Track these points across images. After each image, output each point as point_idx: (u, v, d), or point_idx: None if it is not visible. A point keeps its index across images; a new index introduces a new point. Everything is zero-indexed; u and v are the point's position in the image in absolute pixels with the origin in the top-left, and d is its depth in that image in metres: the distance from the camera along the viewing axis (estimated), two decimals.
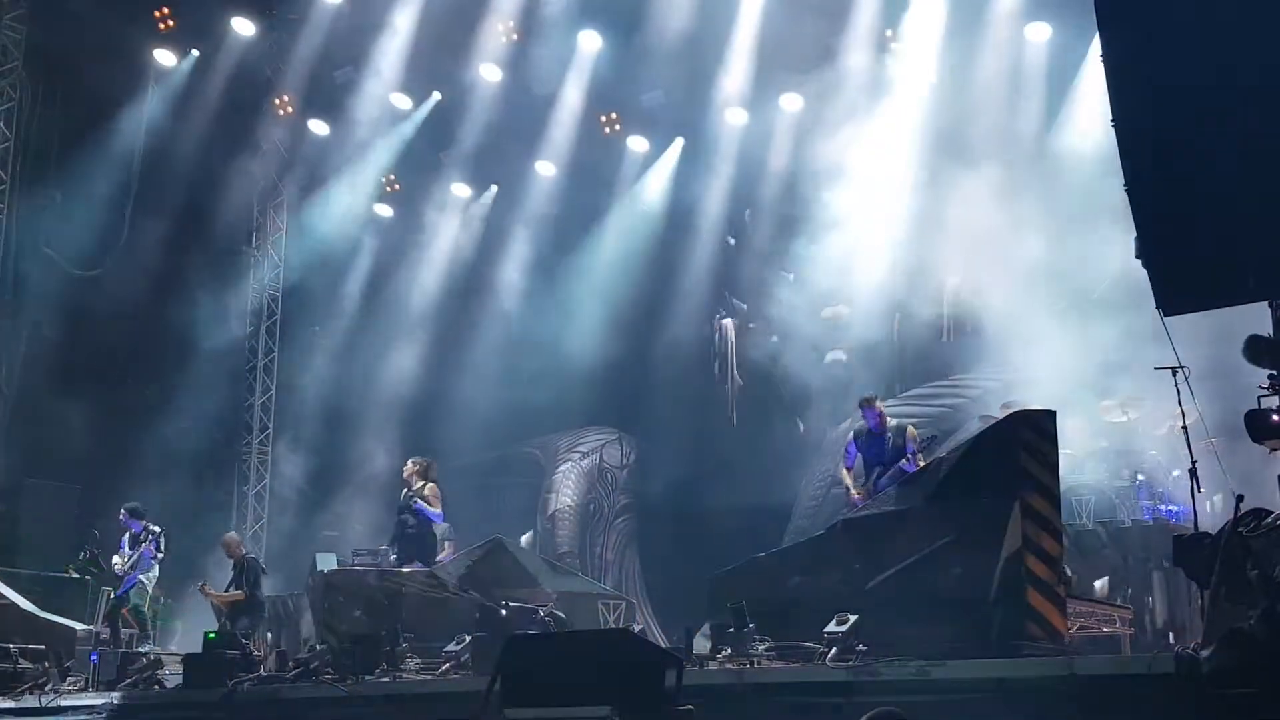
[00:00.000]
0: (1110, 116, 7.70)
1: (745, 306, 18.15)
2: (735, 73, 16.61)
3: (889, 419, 11.81)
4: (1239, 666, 6.09)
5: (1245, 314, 7.79)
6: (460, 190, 19.76)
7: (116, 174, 17.58)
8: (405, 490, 13.76)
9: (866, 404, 11.90)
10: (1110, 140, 7.67)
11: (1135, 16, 7.58)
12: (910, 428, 11.71)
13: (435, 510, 13.39)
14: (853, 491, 11.59)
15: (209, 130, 17.99)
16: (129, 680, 11.72)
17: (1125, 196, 7.53)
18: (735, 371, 18.34)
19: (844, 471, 11.95)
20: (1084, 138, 14.26)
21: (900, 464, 11.22)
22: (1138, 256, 7.57)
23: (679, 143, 18.26)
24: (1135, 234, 7.56)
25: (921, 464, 10.96)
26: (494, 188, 19.74)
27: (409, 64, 17.72)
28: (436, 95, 18.45)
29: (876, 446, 11.63)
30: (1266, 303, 7.43)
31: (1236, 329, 7.63)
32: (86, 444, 17.14)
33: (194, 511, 17.41)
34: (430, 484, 13.45)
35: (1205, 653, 6.36)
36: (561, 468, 19.43)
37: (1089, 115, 14.48)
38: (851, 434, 11.99)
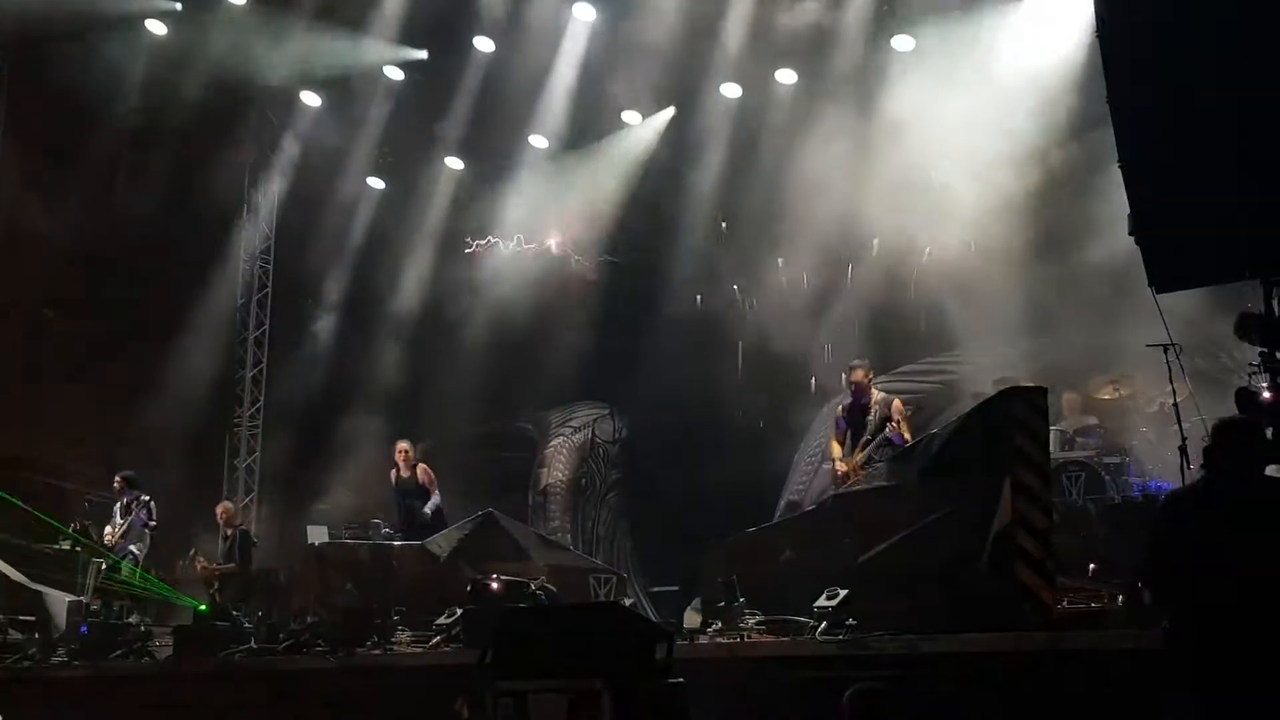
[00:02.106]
0: (1105, 93, 7.69)
1: (738, 287, 18.10)
2: (730, 46, 16.54)
3: (876, 392, 11.71)
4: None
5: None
6: (453, 163, 19.67)
7: (106, 146, 17.48)
8: (396, 472, 13.85)
9: (849, 373, 11.77)
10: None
11: None
12: (896, 400, 11.63)
13: (435, 497, 13.60)
14: (838, 464, 11.52)
15: (200, 101, 17.87)
16: (119, 652, 11.74)
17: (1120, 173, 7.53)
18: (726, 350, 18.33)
19: (833, 444, 11.87)
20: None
21: (885, 434, 11.16)
22: (1131, 233, 7.57)
23: (669, 113, 18.12)
24: (1129, 210, 7.56)
25: (907, 436, 10.93)
26: (487, 160, 19.63)
27: (402, 33, 17.62)
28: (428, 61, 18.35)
29: (858, 418, 11.57)
30: (1259, 280, 7.42)
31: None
32: (77, 416, 17.13)
33: (185, 485, 17.37)
34: (423, 466, 13.62)
35: None
36: (553, 443, 19.44)
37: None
38: (840, 407, 11.93)
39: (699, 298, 18.01)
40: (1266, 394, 7.23)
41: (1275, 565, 5.41)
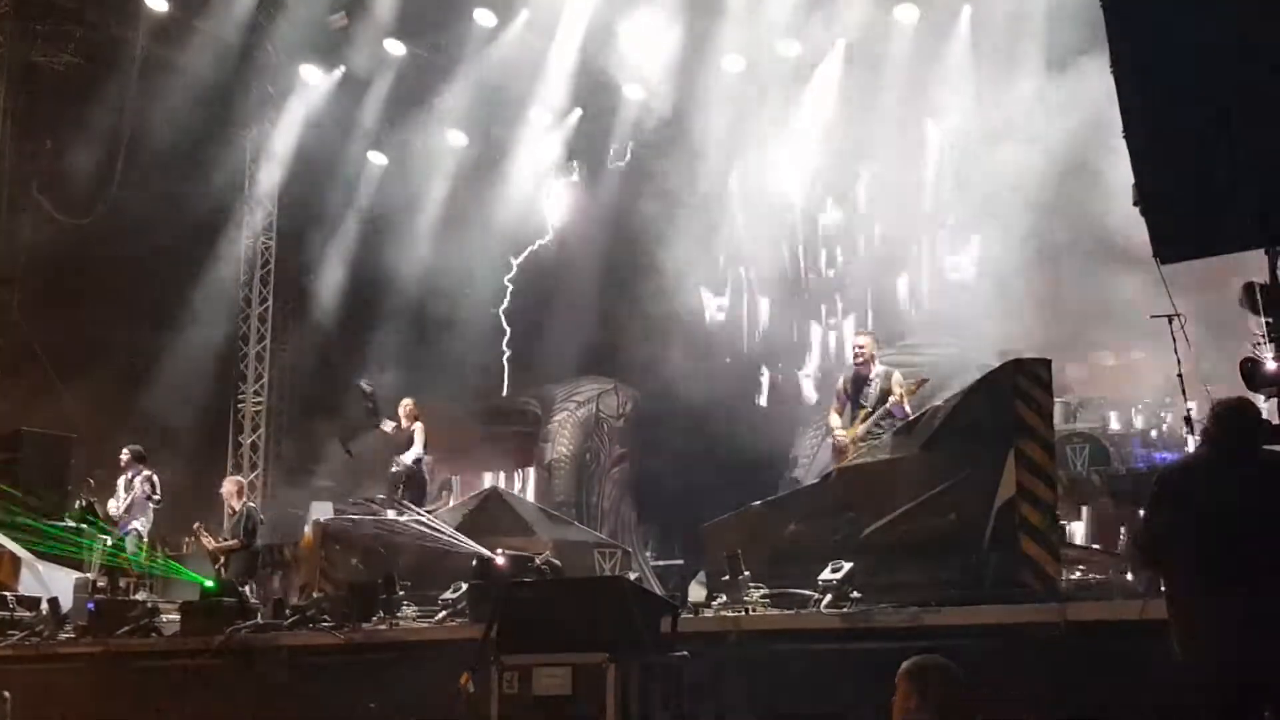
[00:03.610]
0: (1110, 62, 7.62)
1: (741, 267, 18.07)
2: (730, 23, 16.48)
3: (878, 364, 11.67)
4: None
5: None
6: (455, 137, 19.62)
7: (108, 120, 17.44)
8: (395, 427, 13.86)
9: (856, 343, 11.78)
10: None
11: None
12: (897, 373, 11.59)
13: (416, 450, 13.65)
14: (838, 435, 11.50)
15: (201, 75, 17.82)
16: (126, 628, 11.76)
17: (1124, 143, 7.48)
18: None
19: (832, 414, 11.85)
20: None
21: (887, 406, 11.14)
22: (1135, 203, 7.52)
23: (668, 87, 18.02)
24: (1133, 181, 7.51)
25: (908, 409, 10.90)
26: (489, 132, 19.59)
27: (403, 9, 17.56)
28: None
29: (860, 388, 11.56)
30: (1264, 250, 7.38)
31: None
32: (82, 392, 17.14)
33: (191, 461, 17.42)
34: (418, 424, 13.65)
35: None
36: (557, 417, 19.42)
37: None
38: (843, 379, 11.91)
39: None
40: (1271, 364, 7.20)
41: (1271, 539, 5.42)
